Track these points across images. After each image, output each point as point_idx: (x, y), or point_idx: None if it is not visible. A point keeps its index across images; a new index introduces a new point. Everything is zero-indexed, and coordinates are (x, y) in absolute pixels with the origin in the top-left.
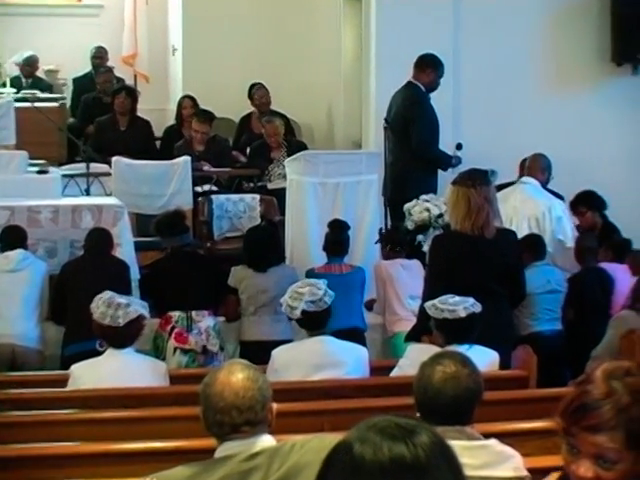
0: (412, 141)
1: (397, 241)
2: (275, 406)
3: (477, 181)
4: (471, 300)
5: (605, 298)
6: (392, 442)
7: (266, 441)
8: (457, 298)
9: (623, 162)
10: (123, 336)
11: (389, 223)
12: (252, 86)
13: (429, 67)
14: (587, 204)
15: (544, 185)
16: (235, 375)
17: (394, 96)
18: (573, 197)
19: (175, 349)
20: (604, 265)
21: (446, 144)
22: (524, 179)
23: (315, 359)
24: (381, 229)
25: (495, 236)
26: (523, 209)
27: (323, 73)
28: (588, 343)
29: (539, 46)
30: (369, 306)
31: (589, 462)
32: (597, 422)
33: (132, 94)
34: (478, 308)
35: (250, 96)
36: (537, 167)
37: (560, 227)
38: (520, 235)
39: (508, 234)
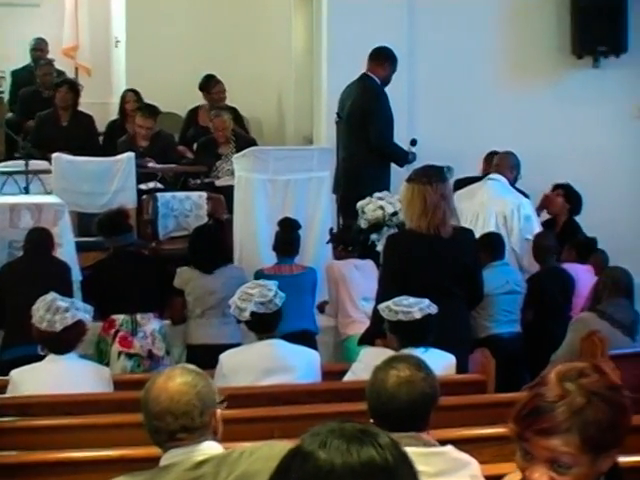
0: (370, 135)
1: (350, 240)
2: (219, 412)
3: (433, 178)
4: (426, 301)
5: (565, 299)
6: (360, 446)
7: (212, 448)
8: (412, 299)
9: (585, 158)
10: (61, 341)
11: (341, 222)
12: (208, 78)
13: (387, 60)
14: (567, 194)
15: (512, 184)
16: (173, 380)
17: (347, 89)
18: (563, 182)
19: (119, 353)
20: (566, 265)
21: (401, 140)
22: (493, 175)
23: (265, 363)
24: (332, 228)
25: (452, 235)
26: (491, 206)
27: (273, 65)
28: (548, 346)
29: (496, 39)
30: (321, 308)
31: (544, 467)
32: (550, 425)
33: (74, 88)
34: (434, 309)
35: (204, 89)
36: (506, 165)
37: (528, 226)
38: (495, 232)
39: (465, 233)
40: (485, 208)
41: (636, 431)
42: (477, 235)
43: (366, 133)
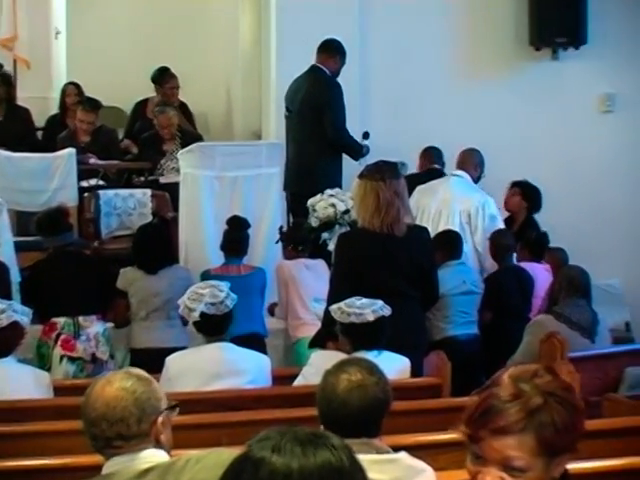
0: (325, 127)
1: (300, 239)
2: (162, 420)
3: (386, 174)
4: (380, 303)
5: (524, 299)
6: (314, 448)
7: (157, 456)
8: (365, 301)
9: (546, 154)
10: None
11: (291, 220)
12: (162, 71)
13: (338, 53)
14: (524, 191)
15: (475, 182)
16: (111, 385)
17: (296, 82)
18: (520, 179)
19: (62, 357)
20: (523, 265)
21: (353, 133)
22: (456, 172)
23: (213, 367)
24: (282, 227)
25: (406, 234)
26: (455, 203)
27: (220, 58)
28: (506, 348)
29: (451, 30)
30: (270, 310)
31: (496, 469)
32: (505, 424)
33: (7, 80)
34: (387, 311)
35: (157, 81)
36: (470, 162)
37: (493, 226)
38: (452, 229)
39: (420, 231)
40: (449, 205)
41: (596, 435)
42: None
43: (319, 126)
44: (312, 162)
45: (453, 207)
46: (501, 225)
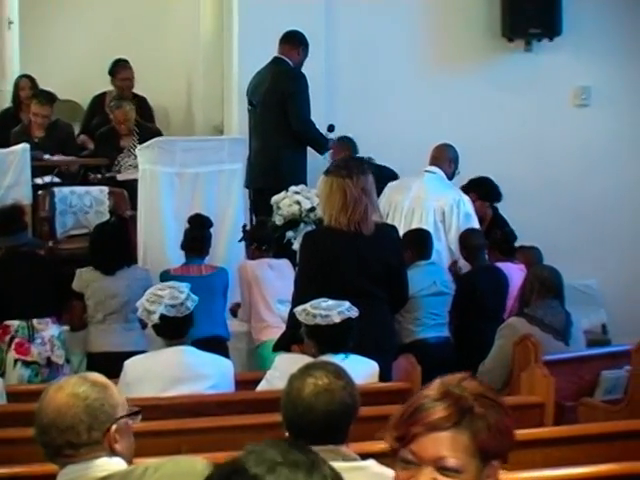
0: (291, 119)
1: (264, 238)
2: (115, 427)
3: (353, 170)
4: (347, 304)
5: (499, 301)
6: (308, 476)
7: (113, 464)
8: (331, 302)
9: (519, 149)
10: None
11: (254, 218)
12: (115, 63)
13: (301, 44)
14: (478, 192)
15: (449, 179)
16: (62, 391)
17: (259, 75)
18: (466, 182)
19: (16, 362)
20: (499, 265)
21: (318, 126)
22: (430, 168)
23: (173, 372)
24: (245, 225)
25: (374, 232)
26: (429, 201)
27: (180, 50)
28: (479, 351)
29: (421, 21)
30: (233, 311)
31: (429, 469)
32: (436, 419)
33: None
34: (354, 313)
35: (111, 73)
36: (444, 158)
37: (468, 225)
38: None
39: (388, 230)
40: (422, 203)
41: (571, 441)
42: None
43: (284, 119)
44: (277, 156)
45: (427, 205)
46: (476, 224)
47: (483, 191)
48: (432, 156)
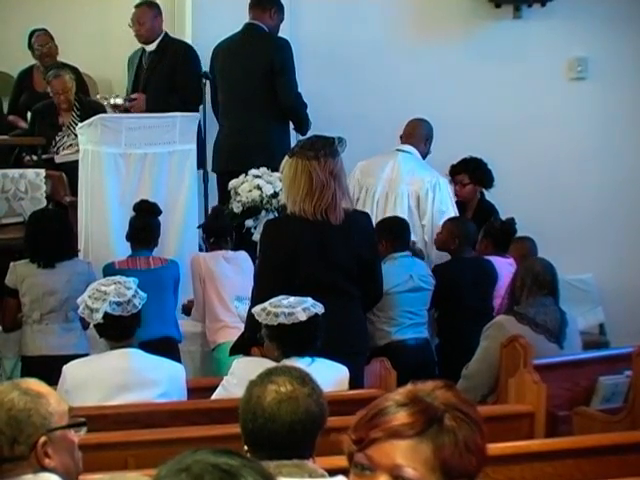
0: (282, 95)
1: (223, 230)
2: (43, 440)
3: (321, 152)
4: (310, 300)
5: (483, 297)
6: None
7: None
8: (292, 299)
9: (503, 127)
10: None
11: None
12: (32, 33)
13: (273, 5)
14: (473, 175)
15: (423, 158)
16: None
17: (231, 43)
18: (457, 162)
19: None
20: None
21: None
22: (403, 147)
23: (118, 378)
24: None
25: (344, 220)
26: (402, 184)
27: (125, 17)
28: (464, 354)
29: None
30: (186, 310)
31: (384, 477)
32: (399, 425)
33: None
34: (320, 309)
35: (30, 46)
36: (419, 135)
37: (443, 212)
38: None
39: (360, 218)
40: (396, 187)
41: (564, 455)
42: None
43: (270, 94)
44: (266, 135)
45: (401, 189)
46: (454, 209)
47: (477, 174)
48: (405, 133)
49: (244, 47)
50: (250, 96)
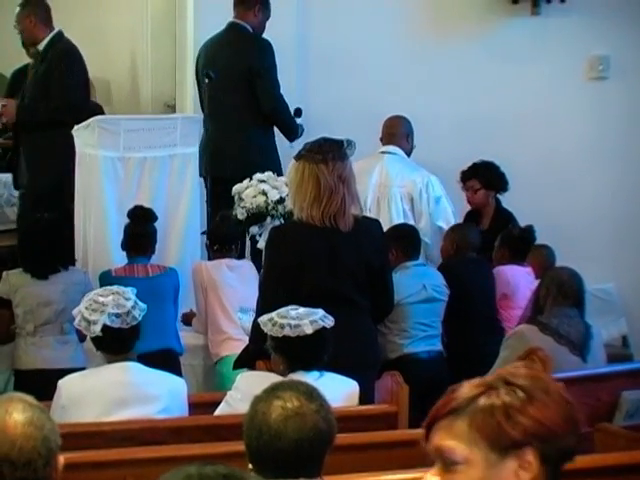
0: (262, 99)
1: (230, 237)
2: (62, 460)
3: (329, 155)
4: (320, 312)
5: (489, 301)
6: None
7: None
8: (302, 310)
9: (520, 129)
10: None
11: (211, 212)
12: None
13: (257, 3)
14: (482, 179)
15: (408, 155)
16: (13, 417)
17: (214, 43)
18: (467, 167)
19: None
20: (502, 267)
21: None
22: (389, 148)
23: (117, 392)
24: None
25: (353, 228)
26: (393, 187)
27: (124, 15)
28: (478, 367)
29: None
30: (187, 321)
31: (437, 466)
32: (455, 404)
33: None
34: (329, 322)
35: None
36: (401, 133)
37: (440, 210)
38: (391, 222)
39: (370, 225)
40: (388, 191)
41: (586, 474)
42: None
43: (252, 97)
44: (246, 140)
45: (393, 192)
46: (449, 208)
47: (488, 178)
48: (386, 133)
49: (223, 48)
50: (229, 99)
